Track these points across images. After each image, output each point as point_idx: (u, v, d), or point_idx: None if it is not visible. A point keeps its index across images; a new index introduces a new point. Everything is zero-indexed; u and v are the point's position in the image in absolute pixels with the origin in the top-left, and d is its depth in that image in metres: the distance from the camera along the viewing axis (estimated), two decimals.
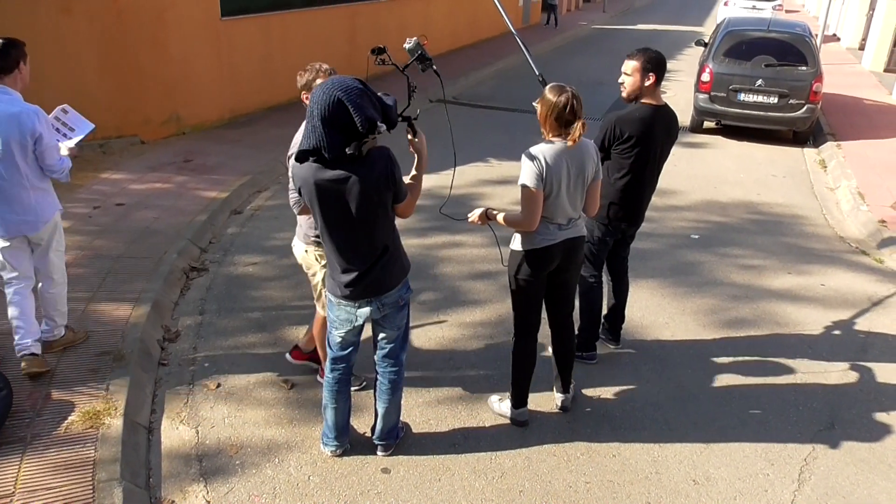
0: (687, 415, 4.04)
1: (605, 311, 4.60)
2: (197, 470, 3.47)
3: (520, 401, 3.85)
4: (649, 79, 3.94)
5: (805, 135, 10.32)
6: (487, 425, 3.88)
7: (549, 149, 3.38)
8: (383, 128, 2.79)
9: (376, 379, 3.50)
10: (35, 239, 3.89)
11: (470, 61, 15.47)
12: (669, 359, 4.59)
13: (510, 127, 10.49)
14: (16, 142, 3.64)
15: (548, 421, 3.93)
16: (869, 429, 3.97)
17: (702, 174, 8.68)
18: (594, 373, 4.40)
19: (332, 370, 3.42)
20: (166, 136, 8.84)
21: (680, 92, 12.11)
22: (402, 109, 3.01)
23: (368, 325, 3.33)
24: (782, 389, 4.31)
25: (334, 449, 3.57)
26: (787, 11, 24.21)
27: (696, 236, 6.72)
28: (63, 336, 4.17)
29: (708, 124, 10.77)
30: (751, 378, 4.42)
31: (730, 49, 10.29)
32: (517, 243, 3.57)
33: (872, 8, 17.99)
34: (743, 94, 9.96)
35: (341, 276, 3.10)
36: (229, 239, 6.21)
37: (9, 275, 3.88)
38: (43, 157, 3.74)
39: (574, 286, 3.84)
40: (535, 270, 3.56)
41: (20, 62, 3.80)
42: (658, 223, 6.83)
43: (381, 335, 3.36)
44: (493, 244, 4.05)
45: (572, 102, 3.33)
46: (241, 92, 9.96)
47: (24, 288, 3.91)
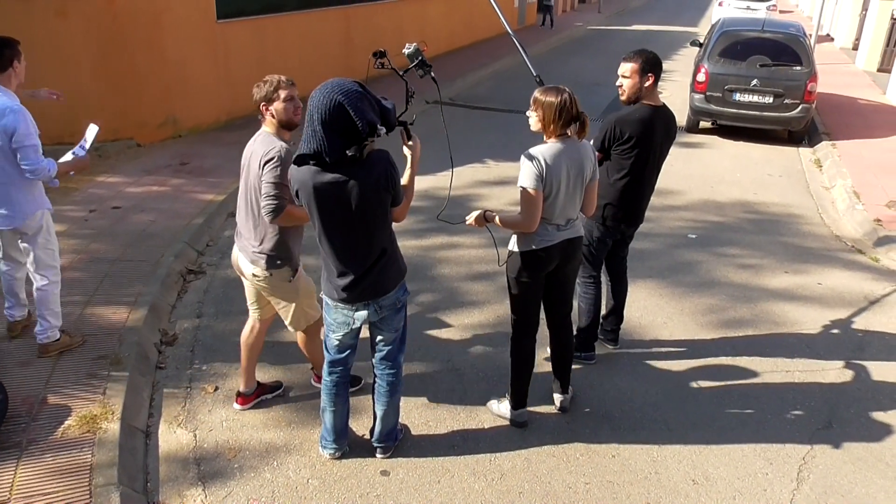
0: (686, 415, 4.04)
1: (604, 312, 4.60)
2: (195, 474, 3.46)
3: (519, 402, 3.84)
4: (648, 80, 3.95)
5: (800, 134, 10.35)
6: (486, 427, 3.87)
7: (548, 149, 3.38)
8: (383, 131, 2.79)
9: (374, 381, 3.49)
10: (22, 228, 3.93)
11: (466, 62, 15.48)
12: (668, 359, 4.60)
13: (507, 128, 10.49)
14: None
15: (547, 422, 3.93)
16: (867, 427, 3.98)
17: (698, 174, 8.69)
18: (593, 373, 4.40)
19: (330, 373, 3.42)
20: (162, 139, 8.82)
21: (676, 92, 12.13)
22: (399, 114, 3.02)
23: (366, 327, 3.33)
24: (780, 389, 4.32)
25: (333, 451, 3.56)
26: (781, 12, 24.27)
27: (694, 236, 6.73)
28: (58, 340, 4.16)
29: (704, 124, 10.79)
30: (749, 377, 4.42)
31: (725, 49, 10.31)
32: (515, 244, 3.57)
33: (865, 8, 18.05)
34: (738, 94, 9.98)
35: (338, 279, 3.10)
36: (226, 241, 6.19)
37: None
38: (20, 157, 3.75)
39: (572, 287, 3.84)
40: (534, 271, 3.56)
41: (14, 61, 3.88)
42: (655, 223, 6.83)
43: (379, 338, 3.35)
44: (491, 245, 4.05)
45: (573, 98, 3.34)
46: (238, 94, 9.93)
47: (12, 270, 4.20)
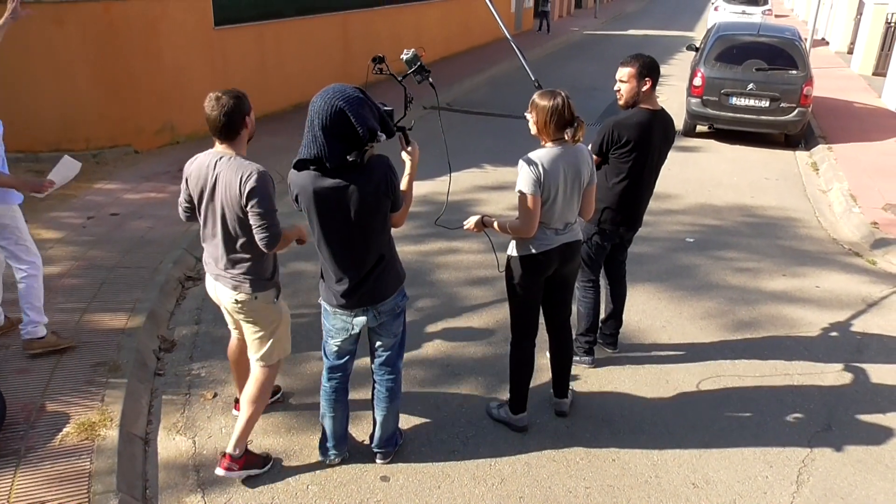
0: (685, 418, 4.04)
1: (603, 316, 4.61)
2: (194, 480, 3.44)
3: (518, 406, 3.84)
4: (645, 84, 3.96)
5: (797, 138, 10.38)
6: (486, 431, 3.86)
7: (545, 154, 3.39)
8: (383, 137, 2.80)
9: (374, 387, 3.49)
10: None
11: (463, 68, 15.51)
12: (667, 362, 4.60)
13: (504, 133, 10.51)
14: None
15: (547, 426, 3.92)
16: (866, 429, 3.98)
17: (696, 178, 8.71)
18: (592, 377, 4.39)
19: (329, 379, 3.41)
20: (160, 146, 8.82)
21: (672, 96, 12.16)
22: (397, 119, 3.02)
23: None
24: (780, 391, 4.32)
25: (333, 457, 3.55)
26: (776, 16, 24.35)
27: (692, 240, 6.74)
28: (43, 338, 4.14)
29: (701, 128, 10.82)
30: (748, 380, 4.42)
31: (721, 53, 10.36)
32: (514, 249, 3.57)
33: (860, 12, 18.14)
34: (735, 98, 10.02)
35: (337, 284, 3.09)
36: None
37: None
38: None
39: (571, 291, 3.84)
40: (533, 275, 3.56)
41: None
42: (653, 227, 6.84)
43: (378, 343, 3.35)
44: (490, 250, 4.05)
45: (568, 102, 3.35)
46: None
47: None
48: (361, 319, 3.17)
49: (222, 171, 3.05)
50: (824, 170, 9.10)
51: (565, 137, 3.40)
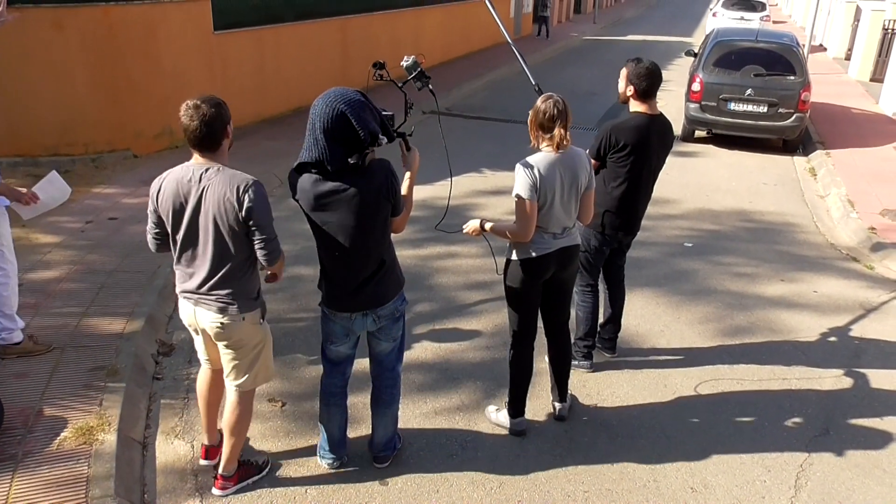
0: (684, 423, 4.04)
1: (602, 320, 4.61)
2: (192, 485, 3.44)
3: (517, 410, 3.84)
4: (630, 88, 4.03)
5: (795, 143, 10.40)
6: (485, 435, 3.87)
7: (542, 159, 3.40)
8: (384, 141, 2.81)
9: (373, 391, 3.49)
10: None
11: (462, 73, 15.54)
12: (665, 367, 4.60)
13: (503, 137, 10.53)
14: None
15: (545, 430, 3.92)
16: (863, 434, 3.99)
17: (694, 183, 8.73)
18: (591, 381, 4.40)
19: (328, 383, 3.42)
20: (159, 150, 8.83)
21: (671, 101, 12.20)
22: (397, 125, 3.03)
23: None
24: (777, 396, 4.32)
25: (331, 461, 3.55)
26: (774, 22, 24.43)
27: (690, 244, 6.76)
28: (19, 343, 4.13)
29: (699, 133, 10.84)
30: (746, 385, 4.43)
31: (719, 59, 10.38)
32: (512, 253, 3.58)
33: (857, 19, 18.19)
34: (733, 104, 10.04)
35: (338, 288, 3.10)
36: None
37: None
38: None
39: (569, 295, 3.85)
40: (531, 279, 3.57)
41: None
42: (652, 232, 6.86)
43: (378, 347, 3.35)
44: (489, 254, 4.05)
45: (552, 111, 3.36)
46: (234, 105, 9.80)
47: None
48: (361, 323, 3.17)
49: (211, 183, 2.83)
50: (822, 175, 9.12)
51: (551, 139, 3.40)
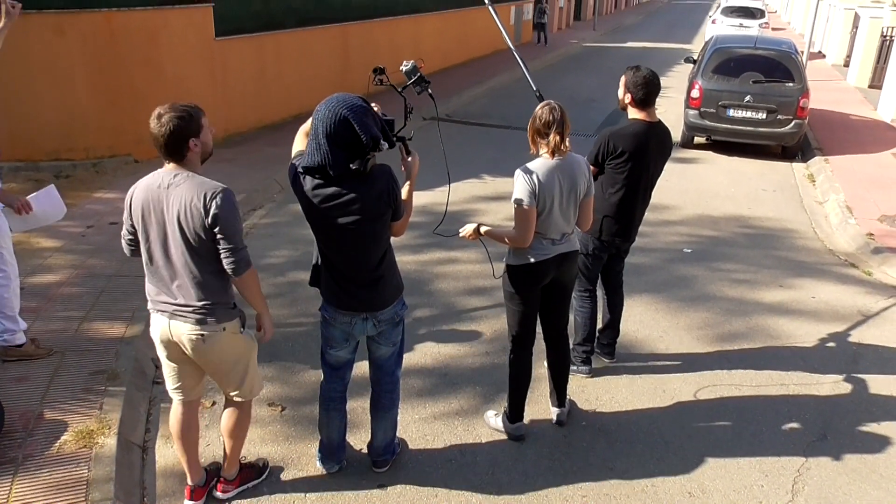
0: (682, 427, 4.05)
1: (600, 326, 4.63)
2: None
3: (516, 415, 3.86)
4: (627, 95, 4.05)
5: (793, 150, 10.43)
6: (484, 440, 3.88)
7: (541, 165, 3.43)
8: (385, 146, 2.83)
9: (372, 395, 3.50)
10: None
11: (462, 79, 15.59)
12: (664, 372, 4.61)
13: (503, 143, 10.56)
14: None
15: (544, 435, 3.94)
16: (861, 439, 4.00)
17: (693, 189, 8.76)
18: (589, 387, 4.41)
19: (328, 388, 3.43)
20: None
21: (670, 108, 12.25)
22: (397, 130, 3.06)
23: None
24: (775, 401, 4.34)
25: (330, 466, 3.56)
26: (773, 29, 24.54)
27: (689, 250, 6.78)
28: (20, 346, 4.14)
29: (698, 140, 10.88)
30: (744, 390, 4.44)
31: (718, 66, 10.43)
32: (511, 258, 3.60)
33: (856, 26, 18.26)
34: (732, 110, 10.08)
35: (338, 293, 3.11)
36: None
37: None
38: None
39: (568, 300, 3.87)
40: (530, 285, 3.59)
41: None
42: (651, 237, 6.88)
43: (377, 352, 3.36)
44: (487, 260, 4.07)
45: (548, 117, 3.39)
46: (235, 111, 10.01)
47: None
48: (361, 327, 3.19)
49: (179, 189, 2.76)
50: (821, 181, 9.15)
51: (548, 145, 3.43)
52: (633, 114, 4.10)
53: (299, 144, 3.09)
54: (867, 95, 15.12)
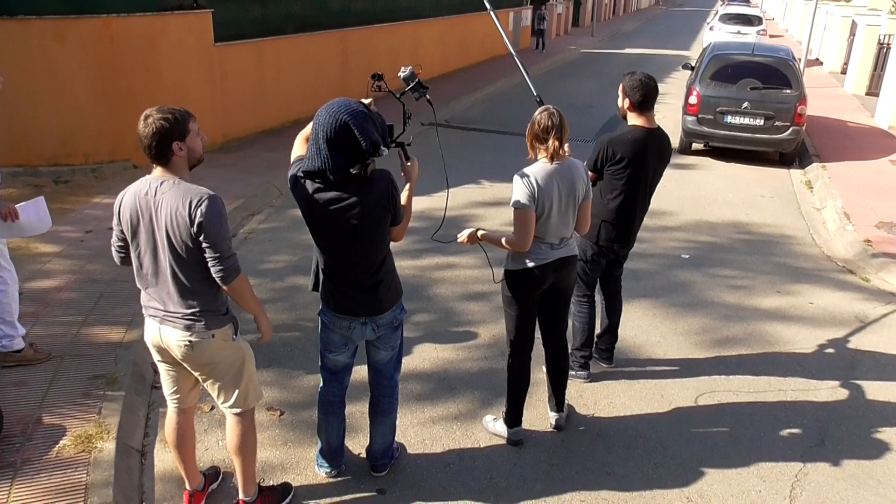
0: (680, 433, 4.06)
1: (599, 331, 4.64)
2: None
3: (514, 420, 3.86)
4: (626, 101, 4.07)
5: (791, 156, 10.47)
6: (482, 445, 3.88)
7: (539, 169, 3.44)
8: (385, 152, 2.85)
9: (371, 400, 3.51)
10: None
11: (460, 85, 15.63)
12: (662, 377, 4.62)
13: (501, 149, 10.58)
14: None
15: (542, 440, 3.94)
16: (858, 445, 4.01)
17: (691, 195, 8.78)
18: (588, 392, 4.42)
19: (327, 392, 3.43)
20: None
21: (668, 114, 12.28)
22: (396, 135, 3.07)
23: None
24: (773, 407, 4.35)
25: (329, 470, 3.56)
26: (770, 36, 24.62)
27: (687, 256, 6.79)
28: (19, 351, 4.12)
29: (696, 146, 10.91)
30: (742, 396, 4.45)
31: (716, 72, 10.47)
32: (510, 263, 3.61)
33: (853, 33, 18.34)
34: (730, 117, 10.12)
35: (337, 297, 3.12)
36: None
37: None
38: None
39: (567, 305, 3.88)
40: (529, 290, 3.60)
41: None
42: (650, 243, 6.90)
43: (376, 356, 3.37)
44: (486, 265, 4.08)
45: (547, 122, 3.41)
46: (234, 116, 10.03)
47: None
48: (360, 332, 3.19)
49: (165, 196, 2.72)
50: (818, 188, 9.18)
51: (546, 150, 3.45)
52: (633, 120, 4.12)
53: (299, 150, 3.11)
54: (864, 102, 15.18)
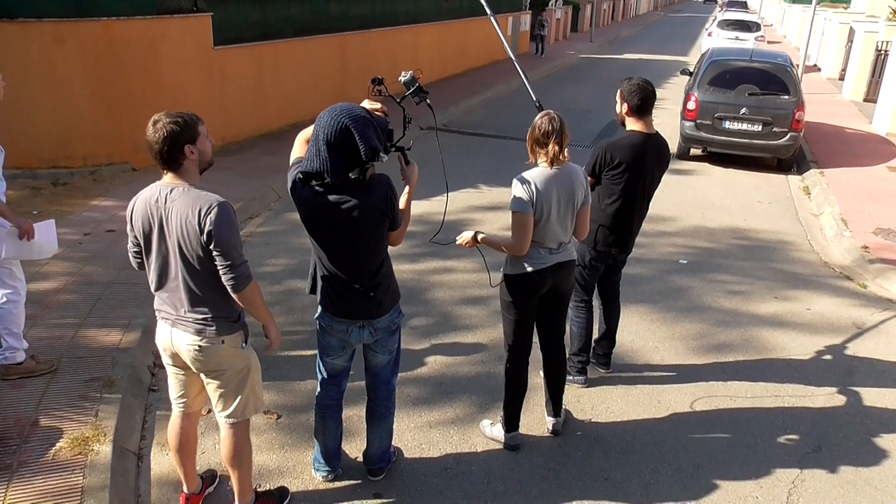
0: (677, 438, 4.06)
1: (596, 336, 4.64)
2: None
3: (511, 424, 3.86)
4: (624, 106, 4.08)
5: (789, 162, 10.49)
6: (479, 449, 3.88)
7: (539, 174, 3.45)
8: (385, 158, 2.86)
9: (368, 403, 3.50)
10: None
11: (460, 90, 15.65)
12: (659, 383, 4.62)
13: (500, 154, 10.60)
14: None
15: (539, 445, 3.94)
16: (855, 451, 4.01)
17: (689, 200, 8.79)
18: (585, 397, 4.42)
19: (324, 396, 3.43)
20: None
21: (666, 120, 12.31)
22: (396, 139, 3.08)
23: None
24: (770, 413, 4.35)
25: (326, 474, 3.56)
26: (768, 42, 24.68)
27: (685, 261, 6.80)
28: (21, 364, 4.08)
29: (694, 151, 10.93)
30: (739, 402, 4.45)
31: (714, 78, 10.50)
32: (508, 267, 3.61)
33: (851, 40, 18.39)
34: (728, 122, 10.14)
35: (335, 300, 3.12)
36: None
37: None
38: None
39: (565, 310, 3.88)
40: (527, 294, 3.60)
41: None
42: (648, 248, 6.90)
43: (373, 360, 3.37)
44: (484, 269, 4.09)
45: (547, 127, 3.42)
46: (233, 120, 10.03)
47: None
48: (357, 335, 3.19)
49: (175, 204, 2.72)
50: (816, 194, 9.20)
51: (546, 155, 3.45)
52: (631, 125, 4.12)
53: (298, 151, 3.11)
54: (862, 109, 15.22)
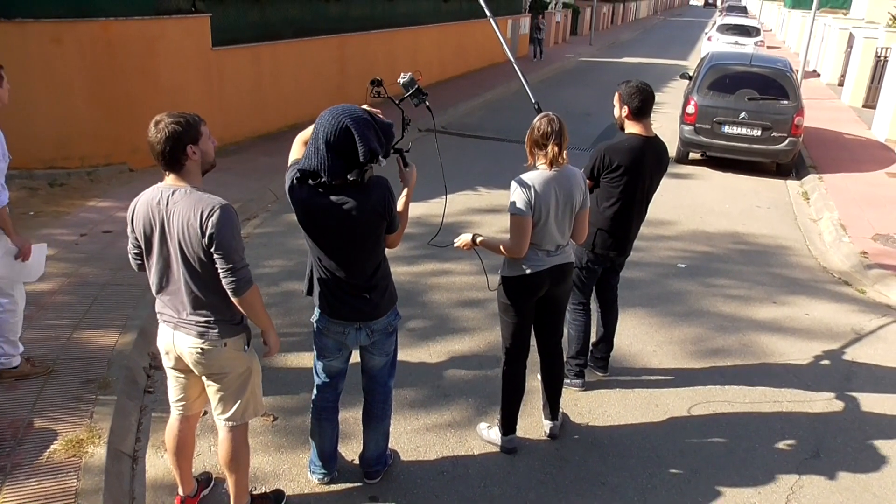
0: (674, 443, 4.04)
1: (594, 339, 4.62)
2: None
3: (509, 427, 3.84)
4: (624, 110, 4.06)
5: (788, 167, 10.50)
6: (476, 453, 3.86)
7: (537, 176, 3.44)
8: (384, 162, 2.84)
9: (364, 406, 3.48)
10: None
11: (458, 92, 15.66)
12: (657, 387, 4.61)
13: (498, 156, 10.60)
14: None
15: (536, 448, 3.92)
16: (854, 457, 3.99)
17: (688, 204, 8.79)
18: (582, 400, 4.40)
19: (320, 398, 3.41)
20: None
21: (666, 123, 12.31)
22: (395, 141, 3.07)
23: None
24: (768, 418, 4.33)
25: (321, 477, 3.54)
26: (768, 47, 24.72)
27: (683, 265, 6.79)
28: (16, 367, 4.05)
29: (693, 155, 10.93)
30: (737, 407, 4.44)
31: (714, 82, 10.50)
32: (506, 270, 3.60)
33: (850, 45, 18.43)
34: (727, 127, 10.14)
35: (331, 301, 3.11)
36: None
37: None
38: None
39: (563, 313, 3.86)
40: (524, 297, 3.59)
41: None
42: (646, 252, 6.89)
43: (370, 362, 3.36)
44: (482, 272, 4.08)
45: (546, 129, 3.41)
46: (231, 120, 10.01)
47: None
48: (354, 337, 3.18)
49: (177, 206, 2.70)
50: (815, 199, 9.20)
51: (545, 156, 3.44)
52: (630, 128, 4.11)
53: (296, 153, 3.10)
54: (861, 114, 15.23)
